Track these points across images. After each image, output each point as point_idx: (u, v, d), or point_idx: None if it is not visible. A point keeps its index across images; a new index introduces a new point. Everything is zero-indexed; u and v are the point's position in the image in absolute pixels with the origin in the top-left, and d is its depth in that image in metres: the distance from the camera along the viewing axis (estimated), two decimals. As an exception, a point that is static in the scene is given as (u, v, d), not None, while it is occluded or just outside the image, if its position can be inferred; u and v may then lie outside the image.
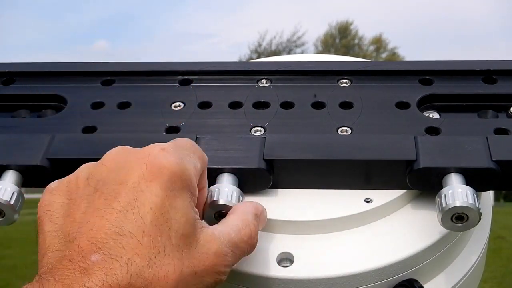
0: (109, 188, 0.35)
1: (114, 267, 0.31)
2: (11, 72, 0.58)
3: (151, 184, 0.34)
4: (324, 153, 0.45)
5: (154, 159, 0.35)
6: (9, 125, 0.52)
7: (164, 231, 0.33)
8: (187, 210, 0.35)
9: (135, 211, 0.33)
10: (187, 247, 0.34)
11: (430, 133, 0.48)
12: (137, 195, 0.34)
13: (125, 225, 0.33)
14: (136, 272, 0.32)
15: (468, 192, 0.41)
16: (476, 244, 0.49)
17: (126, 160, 0.36)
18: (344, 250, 0.43)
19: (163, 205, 0.34)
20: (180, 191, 0.35)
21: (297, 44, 16.55)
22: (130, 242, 0.32)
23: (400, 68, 0.55)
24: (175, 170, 0.35)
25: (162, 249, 0.33)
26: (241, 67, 0.56)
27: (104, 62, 0.58)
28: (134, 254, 0.32)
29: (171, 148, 0.37)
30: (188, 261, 0.34)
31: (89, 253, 0.32)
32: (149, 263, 0.32)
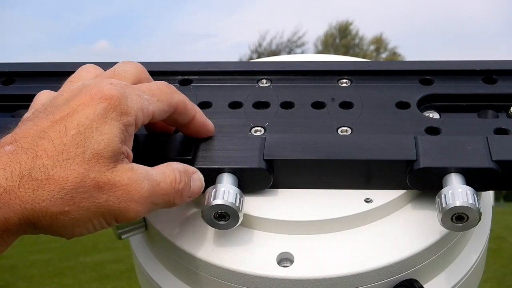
0: (54, 108, 0.39)
1: (20, 158, 0.36)
2: (11, 72, 0.58)
3: (87, 107, 0.38)
4: (324, 153, 0.45)
5: (99, 89, 0.39)
6: (9, 125, 0.52)
7: (80, 145, 0.37)
8: (111, 137, 0.38)
9: (62, 124, 0.37)
10: (97, 164, 0.37)
11: (430, 133, 0.48)
12: (71, 113, 0.38)
13: (49, 132, 0.37)
14: (39, 166, 0.36)
15: (468, 192, 0.41)
16: (476, 244, 0.49)
17: (79, 90, 0.40)
18: (344, 250, 0.43)
19: (90, 126, 0.37)
20: (112, 121, 0.38)
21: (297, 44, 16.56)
22: (45, 144, 0.36)
23: (400, 68, 0.55)
24: (114, 102, 0.38)
25: (72, 157, 0.36)
26: (241, 67, 0.56)
27: (104, 62, 0.58)
28: (44, 153, 0.36)
29: (121, 84, 0.40)
30: (94, 174, 0.37)
31: (6, 144, 0.36)
32: (54, 163, 0.36)
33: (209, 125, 0.47)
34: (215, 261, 0.43)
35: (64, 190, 0.36)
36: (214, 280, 0.44)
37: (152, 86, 0.43)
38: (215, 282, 0.44)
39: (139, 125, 0.41)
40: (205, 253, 0.44)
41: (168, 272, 0.48)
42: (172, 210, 0.47)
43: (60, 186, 0.36)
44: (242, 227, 0.45)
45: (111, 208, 0.38)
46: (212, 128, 0.47)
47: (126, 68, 0.44)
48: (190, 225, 0.46)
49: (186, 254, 0.44)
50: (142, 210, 0.39)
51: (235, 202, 0.42)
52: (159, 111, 0.42)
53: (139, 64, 0.45)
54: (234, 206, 0.42)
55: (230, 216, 0.42)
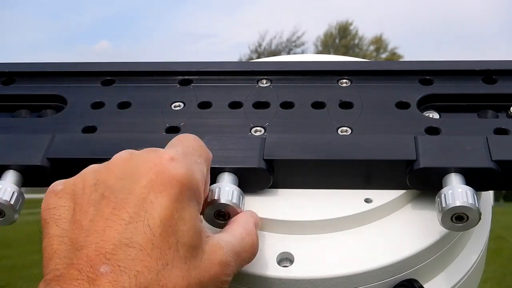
0: (117, 197, 0.34)
1: (122, 279, 0.31)
2: (11, 72, 0.58)
3: (160, 195, 0.34)
4: (324, 153, 0.45)
5: (164, 170, 0.35)
6: (9, 125, 0.52)
7: (172, 243, 0.33)
8: (194, 221, 0.35)
9: (144, 223, 0.33)
10: (194, 258, 0.34)
11: (430, 133, 0.48)
12: (146, 207, 0.34)
13: (134, 237, 0.33)
14: (145, 285, 0.32)
15: (468, 192, 0.41)
16: (476, 244, 0.49)
17: (135, 167, 0.36)
18: (344, 250, 0.43)
19: (172, 217, 0.34)
20: (188, 202, 0.35)
21: (297, 44, 16.54)
22: (139, 254, 0.32)
23: (400, 68, 0.55)
24: (184, 182, 0.35)
25: (170, 261, 0.33)
26: (241, 67, 0.56)
27: (104, 62, 0.58)
28: (143, 267, 0.32)
29: (180, 157, 0.36)
30: (194, 272, 0.34)
31: (97, 264, 0.32)
32: (157, 276, 0.32)
33: None
34: (215, 261, 0.43)
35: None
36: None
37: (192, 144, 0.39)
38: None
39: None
40: (205, 253, 0.44)
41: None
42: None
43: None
44: (242, 227, 0.45)
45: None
46: None
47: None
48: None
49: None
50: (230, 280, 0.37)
51: (235, 201, 0.42)
52: (207, 171, 0.39)
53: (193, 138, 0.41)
54: (234, 205, 0.42)
55: (231, 215, 0.42)
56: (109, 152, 0.46)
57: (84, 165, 0.45)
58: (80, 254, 0.32)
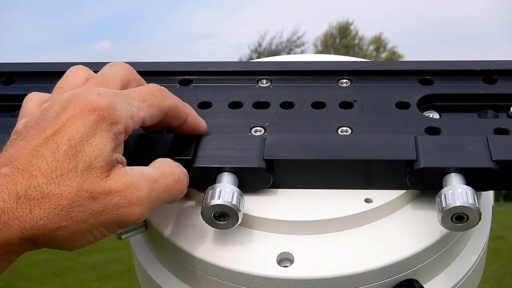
0: (45, 123, 0.39)
1: (16, 179, 0.37)
2: (11, 72, 0.58)
3: (77, 121, 0.38)
4: (324, 153, 0.45)
5: (88, 100, 0.39)
6: (9, 125, 0.52)
7: (73, 159, 0.37)
8: (102, 147, 0.38)
9: (54, 140, 0.38)
10: (90, 175, 0.38)
11: (430, 133, 0.48)
12: (62, 128, 0.38)
13: (42, 150, 0.38)
14: (35, 185, 0.36)
15: (468, 192, 0.41)
16: (476, 244, 0.49)
17: (69, 101, 0.40)
18: (344, 250, 0.43)
19: (81, 139, 0.38)
20: (102, 132, 0.39)
21: (297, 44, 16.56)
22: (39, 162, 0.37)
23: (400, 68, 0.55)
24: (102, 113, 0.39)
25: (65, 172, 0.37)
26: (241, 67, 0.56)
27: (104, 62, 0.58)
28: (38, 172, 0.37)
29: (110, 94, 0.40)
30: (88, 186, 0.37)
31: (1, 166, 0.37)
32: (48, 181, 0.37)
33: (201, 125, 0.47)
34: (215, 261, 0.43)
35: (59, 207, 0.37)
36: (214, 280, 0.44)
37: (142, 91, 0.43)
38: (215, 282, 0.44)
39: (130, 131, 0.41)
40: (205, 253, 0.44)
41: (168, 272, 0.48)
42: (172, 210, 0.47)
43: (55, 203, 0.37)
44: (242, 227, 0.45)
45: (111, 217, 0.38)
46: (204, 127, 0.47)
47: (113, 71, 0.44)
48: (190, 225, 0.46)
49: (186, 254, 0.44)
50: (145, 211, 0.39)
51: (234, 202, 0.42)
52: (150, 116, 0.42)
53: (126, 65, 0.45)
54: (234, 206, 0.42)
55: (230, 215, 0.42)
56: None
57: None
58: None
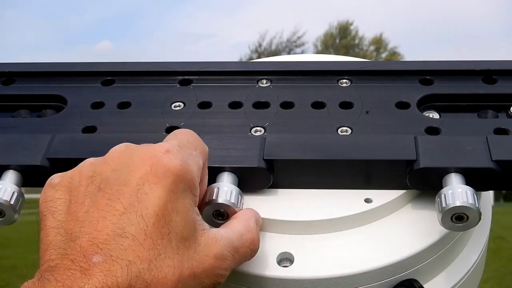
0: (112, 188, 0.35)
1: (114, 269, 0.32)
2: (11, 72, 0.58)
3: (155, 186, 0.34)
4: (324, 153, 0.45)
5: (159, 161, 0.35)
6: (9, 125, 0.52)
7: (165, 233, 0.34)
8: (188, 212, 0.35)
9: (137, 213, 0.33)
10: (187, 249, 0.35)
11: (430, 133, 0.48)
12: (140, 197, 0.34)
13: (127, 227, 0.33)
14: (136, 274, 0.32)
15: (468, 192, 0.41)
16: (476, 244, 0.49)
17: (130, 160, 0.36)
18: (344, 250, 0.43)
19: (166, 208, 0.34)
20: (182, 193, 0.35)
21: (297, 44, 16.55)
22: (131, 244, 0.32)
23: (400, 68, 0.55)
24: (179, 173, 0.35)
25: (162, 251, 0.33)
26: (241, 67, 0.56)
27: (104, 62, 0.58)
28: (135, 257, 0.32)
29: (176, 149, 0.37)
30: (187, 263, 0.34)
31: (90, 254, 0.32)
32: (149, 265, 0.32)
33: None
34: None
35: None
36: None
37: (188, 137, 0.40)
38: (215, 282, 0.44)
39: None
40: (205, 253, 0.44)
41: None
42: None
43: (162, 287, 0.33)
44: (242, 227, 0.45)
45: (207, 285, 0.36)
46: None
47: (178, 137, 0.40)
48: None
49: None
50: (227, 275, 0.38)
51: (233, 201, 0.42)
52: (203, 164, 0.40)
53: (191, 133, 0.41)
54: (233, 204, 0.42)
55: (229, 215, 0.42)
56: None
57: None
58: (74, 245, 0.33)
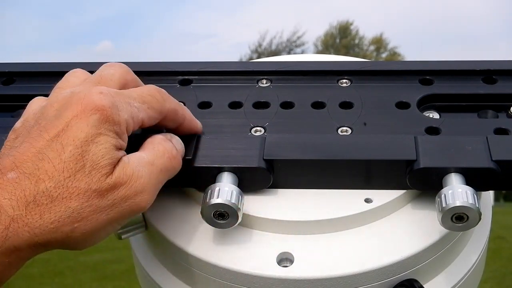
0: (46, 122, 0.39)
1: (24, 184, 0.36)
2: (11, 72, 0.58)
3: (80, 121, 0.38)
4: (324, 153, 0.45)
5: (89, 100, 0.39)
6: (9, 125, 0.52)
7: (79, 160, 0.37)
8: (108, 146, 0.38)
9: (58, 141, 0.38)
10: (98, 174, 0.37)
11: (430, 133, 0.48)
12: (65, 129, 0.38)
13: (47, 152, 0.37)
14: (43, 190, 0.36)
15: (468, 192, 0.41)
16: (476, 244, 0.49)
17: (69, 100, 0.40)
18: (344, 250, 0.43)
19: (86, 139, 0.38)
20: (106, 131, 0.39)
21: (297, 44, 16.57)
22: (46, 165, 0.37)
23: (400, 68, 0.55)
24: (105, 113, 0.39)
25: (73, 173, 0.37)
26: (241, 67, 0.56)
27: (104, 62, 0.58)
28: (46, 176, 0.36)
29: (111, 93, 0.40)
30: (95, 185, 0.37)
31: (7, 171, 0.37)
32: (56, 184, 0.36)
33: (198, 128, 0.47)
34: (215, 261, 0.43)
35: (70, 209, 0.36)
36: (214, 280, 0.44)
37: (143, 93, 0.43)
38: (215, 282, 0.44)
39: (130, 131, 0.41)
40: (205, 252, 0.44)
41: (168, 272, 0.48)
42: (172, 210, 0.47)
43: (65, 206, 0.36)
44: (242, 227, 0.45)
45: (121, 210, 0.38)
46: (200, 130, 0.47)
47: (111, 71, 0.44)
48: (190, 225, 0.46)
49: (186, 254, 0.44)
50: (150, 195, 0.40)
51: (234, 201, 0.42)
52: (149, 118, 0.42)
53: (124, 66, 0.45)
54: (233, 204, 0.42)
55: (230, 215, 0.42)
56: None
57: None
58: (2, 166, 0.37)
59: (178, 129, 0.46)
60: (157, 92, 0.43)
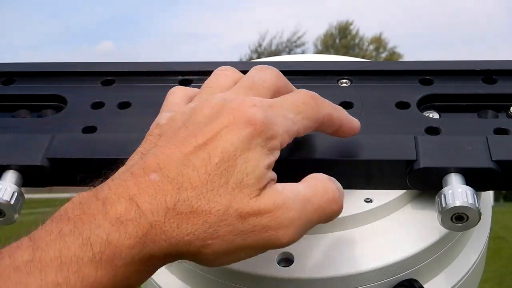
0: (195, 127, 0.37)
1: (166, 189, 0.34)
2: (11, 72, 0.58)
3: (231, 133, 0.36)
4: (324, 153, 0.45)
5: (243, 112, 0.37)
6: (9, 125, 0.52)
7: (224, 175, 0.35)
8: (256, 164, 0.36)
9: (206, 151, 0.36)
10: (240, 194, 0.35)
11: (430, 133, 0.48)
12: (214, 138, 0.36)
13: (193, 159, 0.35)
14: (184, 198, 0.34)
15: (468, 192, 0.41)
16: (476, 244, 0.49)
17: (221, 108, 0.38)
18: (344, 250, 0.43)
19: (234, 154, 0.36)
20: (256, 147, 0.36)
21: (297, 44, 16.57)
22: (190, 173, 0.35)
23: (400, 68, 0.55)
24: (258, 128, 0.36)
25: (216, 188, 0.35)
26: (241, 67, 0.56)
27: (104, 62, 0.58)
28: (189, 184, 0.35)
29: (265, 105, 0.38)
30: (237, 205, 0.35)
31: (150, 172, 0.35)
32: (198, 195, 0.35)
33: (355, 128, 0.43)
34: (215, 261, 0.43)
35: (207, 224, 0.34)
36: (214, 280, 0.44)
37: (297, 101, 0.40)
38: (215, 282, 0.44)
39: (284, 145, 0.38)
40: (205, 253, 0.44)
41: (168, 272, 0.48)
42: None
43: (203, 219, 0.34)
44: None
45: (259, 239, 0.35)
46: (358, 128, 0.44)
47: (263, 77, 0.41)
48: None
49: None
50: (295, 234, 0.36)
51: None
52: (304, 129, 0.40)
53: (275, 70, 0.42)
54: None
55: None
56: (109, 152, 0.46)
57: (84, 165, 0.45)
58: (140, 162, 0.36)
59: (335, 133, 0.43)
60: (310, 99, 0.40)
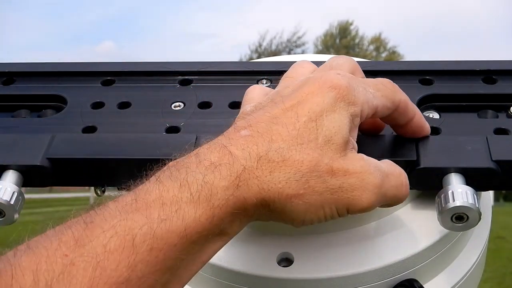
0: (284, 97, 0.39)
1: (256, 140, 0.37)
2: (11, 72, 0.58)
3: (317, 95, 0.38)
4: None
5: (327, 78, 0.39)
6: (9, 125, 0.52)
7: (313, 132, 0.37)
8: (341, 125, 0.38)
9: (293, 111, 0.38)
10: (330, 150, 0.37)
11: (430, 133, 0.48)
12: (301, 101, 0.38)
13: (282, 118, 0.38)
14: (276, 148, 0.36)
15: (468, 192, 0.41)
16: (476, 244, 0.49)
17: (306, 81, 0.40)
18: (344, 250, 0.43)
19: (321, 113, 0.38)
20: (340, 110, 0.38)
21: (297, 44, 16.57)
22: (279, 129, 0.37)
23: (400, 68, 0.55)
24: (342, 92, 0.39)
25: (306, 142, 0.37)
26: (241, 67, 0.56)
27: (104, 62, 0.58)
28: (278, 137, 0.37)
29: (348, 75, 0.40)
30: (327, 159, 0.37)
31: (241, 129, 0.38)
32: (289, 146, 0.36)
33: (426, 128, 0.45)
34: (215, 261, 0.43)
35: (299, 173, 0.36)
36: (214, 280, 0.44)
37: (376, 81, 0.42)
38: (215, 282, 0.44)
39: (364, 117, 0.40)
40: (205, 253, 0.44)
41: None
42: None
43: (295, 168, 0.36)
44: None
45: (344, 197, 0.37)
46: (428, 131, 0.45)
47: (341, 62, 0.43)
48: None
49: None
50: (375, 200, 0.38)
51: None
52: (382, 106, 0.41)
53: (352, 59, 0.45)
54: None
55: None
56: (109, 152, 0.46)
57: (84, 165, 0.45)
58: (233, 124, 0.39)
59: (407, 126, 0.44)
60: (388, 82, 0.43)
